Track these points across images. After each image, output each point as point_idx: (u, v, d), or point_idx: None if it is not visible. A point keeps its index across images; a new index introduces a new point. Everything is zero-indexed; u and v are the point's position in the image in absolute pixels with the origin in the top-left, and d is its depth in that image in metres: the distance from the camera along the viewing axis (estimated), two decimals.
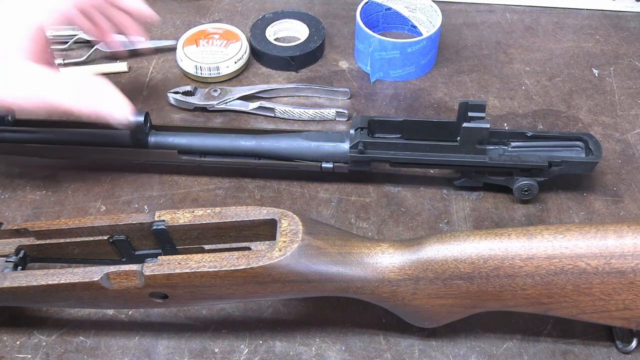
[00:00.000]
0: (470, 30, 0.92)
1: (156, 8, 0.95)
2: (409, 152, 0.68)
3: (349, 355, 0.59)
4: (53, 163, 0.74)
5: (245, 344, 0.60)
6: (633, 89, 0.83)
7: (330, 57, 0.88)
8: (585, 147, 0.68)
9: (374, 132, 0.70)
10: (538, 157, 0.67)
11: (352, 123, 0.70)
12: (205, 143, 0.70)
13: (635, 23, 0.93)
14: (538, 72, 0.86)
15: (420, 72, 0.85)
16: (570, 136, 0.70)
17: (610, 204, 0.70)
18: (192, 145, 0.70)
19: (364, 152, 0.68)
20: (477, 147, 0.67)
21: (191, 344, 0.60)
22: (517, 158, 0.67)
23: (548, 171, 0.67)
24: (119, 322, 0.62)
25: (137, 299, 0.54)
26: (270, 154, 0.70)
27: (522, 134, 0.69)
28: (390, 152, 0.68)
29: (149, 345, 0.60)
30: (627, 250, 0.50)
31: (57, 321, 0.62)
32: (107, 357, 0.59)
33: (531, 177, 0.68)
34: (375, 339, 0.60)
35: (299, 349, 0.59)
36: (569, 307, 0.53)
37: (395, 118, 0.70)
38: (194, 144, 0.70)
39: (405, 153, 0.68)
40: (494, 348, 0.59)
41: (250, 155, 0.70)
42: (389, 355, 0.59)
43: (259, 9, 0.94)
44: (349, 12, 0.93)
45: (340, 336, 0.60)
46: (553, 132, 0.73)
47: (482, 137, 0.66)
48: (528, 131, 0.69)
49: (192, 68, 0.83)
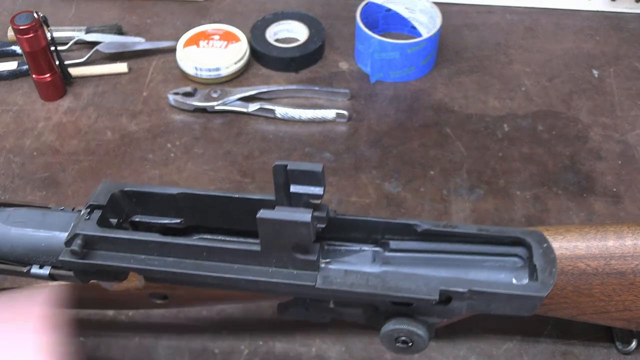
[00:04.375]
0: (470, 32, 0.92)
1: (156, 9, 0.95)
2: (173, 258, 0.40)
3: (349, 356, 0.59)
4: (53, 164, 0.74)
5: (245, 344, 0.60)
6: (633, 90, 0.83)
7: (330, 58, 0.88)
8: (528, 262, 0.39)
9: (130, 213, 0.43)
10: (422, 282, 0.37)
11: (91, 195, 0.42)
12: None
13: (635, 24, 0.93)
14: (538, 73, 0.86)
15: (420, 73, 0.85)
16: (501, 237, 0.39)
17: (610, 205, 0.70)
18: None
19: (89, 253, 0.40)
20: (298, 257, 0.38)
21: (191, 345, 0.60)
22: (379, 281, 0.37)
23: (444, 309, 0.39)
24: (119, 323, 0.62)
25: (137, 299, 0.54)
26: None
27: (409, 227, 0.40)
28: (138, 258, 0.40)
29: (149, 346, 0.60)
30: (627, 252, 0.50)
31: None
32: (107, 358, 0.59)
33: (411, 318, 0.40)
34: (375, 339, 0.60)
35: (299, 349, 0.59)
36: (569, 308, 0.53)
37: (165, 190, 0.42)
38: None
39: (165, 261, 0.40)
40: (494, 349, 0.59)
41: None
42: (389, 356, 0.59)
43: (259, 10, 0.94)
44: (349, 13, 0.93)
45: (340, 337, 0.60)
46: (469, 227, 0.40)
47: (303, 238, 0.36)
48: (419, 222, 0.40)
49: (192, 69, 0.83)
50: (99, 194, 0.41)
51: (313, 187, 0.37)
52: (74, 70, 0.84)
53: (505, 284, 0.38)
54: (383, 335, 0.41)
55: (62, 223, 0.42)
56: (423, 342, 0.40)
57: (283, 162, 0.37)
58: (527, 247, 0.39)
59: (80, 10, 0.96)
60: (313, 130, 0.79)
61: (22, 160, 0.76)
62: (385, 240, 0.41)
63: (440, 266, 0.40)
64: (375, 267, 0.41)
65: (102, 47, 0.86)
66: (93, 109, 0.82)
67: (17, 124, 0.80)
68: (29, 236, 0.42)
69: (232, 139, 0.78)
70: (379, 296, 0.37)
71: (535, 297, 0.36)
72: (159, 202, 0.42)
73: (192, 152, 0.76)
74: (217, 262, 0.39)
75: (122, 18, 0.94)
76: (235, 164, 0.75)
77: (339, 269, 0.39)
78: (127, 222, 0.43)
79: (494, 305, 0.38)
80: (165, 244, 0.39)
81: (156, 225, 0.43)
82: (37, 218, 0.42)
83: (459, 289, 0.37)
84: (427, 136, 0.77)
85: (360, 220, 0.41)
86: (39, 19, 0.75)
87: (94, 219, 0.40)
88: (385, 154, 0.76)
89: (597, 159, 0.75)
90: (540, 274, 0.37)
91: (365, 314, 0.43)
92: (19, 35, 0.75)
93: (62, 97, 0.83)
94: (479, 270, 0.40)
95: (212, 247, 0.39)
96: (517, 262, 0.40)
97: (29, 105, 0.82)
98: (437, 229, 0.39)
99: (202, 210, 0.42)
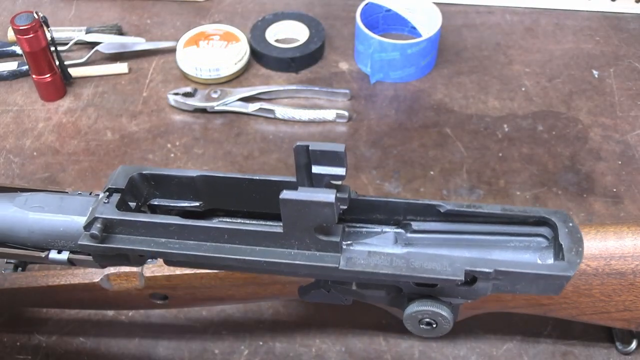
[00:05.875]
0: (470, 32, 0.92)
1: (156, 9, 0.95)
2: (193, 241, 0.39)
3: (349, 356, 0.59)
4: (53, 164, 0.74)
5: (245, 345, 0.60)
6: (633, 90, 0.83)
7: (330, 58, 0.88)
8: (554, 242, 0.39)
9: (149, 196, 0.43)
10: (447, 262, 0.37)
11: (109, 178, 0.41)
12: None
13: (634, 24, 0.93)
14: (538, 73, 0.86)
15: (420, 74, 0.85)
16: (525, 217, 0.39)
17: (610, 205, 0.70)
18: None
19: (108, 237, 0.40)
20: (320, 239, 0.37)
21: (191, 345, 0.60)
22: (403, 262, 0.37)
23: (468, 290, 0.39)
24: (119, 323, 0.62)
25: (137, 300, 0.54)
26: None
27: (432, 207, 0.40)
28: (158, 241, 0.40)
29: (149, 346, 0.60)
30: (627, 252, 0.50)
31: (57, 322, 0.61)
32: (107, 358, 0.59)
33: (435, 300, 0.40)
34: (375, 340, 0.60)
35: (299, 350, 0.59)
36: (569, 309, 0.53)
37: (184, 173, 0.42)
38: None
39: (185, 244, 0.39)
40: (494, 349, 0.59)
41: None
42: (389, 357, 0.59)
43: (259, 11, 0.94)
44: (349, 13, 0.93)
45: (340, 337, 0.60)
46: (493, 206, 0.40)
47: (327, 219, 0.36)
48: (442, 203, 0.40)
49: (192, 69, 0.83)
50: (117, 177, 0.41)
51: (335, 168, 0.37)
52: (74, 71, 0.84)
53: (531, 264, 0.37)
54: (407, 316, 0.41)
55: (80, 207, 0.41)
56: (447, 323, 0.41)
57: (305, 143, 0.36)
58: (552, 227, 0.39)
59: (80, 10, 0.96)
60: (313, 130, 0.79)
61: (22, 161, 0.76)
62: (407, 222, 0.41)
63: (464, 247, 0.40)
64: (398, 248, 0.40)
65: (102, 47, 0.86)
66: (93, 110, 0.82)
67: (17, 124, 0.80)
68: (47, 221, 0.41)
69: (232, 139, 0.78)
70: (404, 277, 0.37)
71: (563, 277, 0.36)
72: (177, 185, 0.42)
73: (192, 153, 0.76)
74: (238, 245, 0.39)
75: (122, 18, 0.94)
76: (236, 164, 0.75)
77: (362, 250, 0.38)
78: (145, 206, 0.43)
79: (520, 285, 0.37)
80: (185, 226, 0.39)
81: (175, 209, 0.43)
82: (55, 202, 0.42)
83: (485, 269, 0.36)
84: (427, 136, 0.77)
85: (382, 202, 0.41)
86: (39, 19, 0.75)
87: (112, 203, 0.40)
88: (385, 154, 0.76)
89: (597, 159, 0.75)
90: (566, 253, 0.37)
91: (389, 296, 0.42)
92: (19, 35, 0.75)
93: (62, 98, 0.83)
94: (503, 251, 0.39)
95: (233, 229, 0.38)
96: (542, 242, 0.39)
97: (29, 106, 0.82)
98: (460, 209, 0.39)
99: (221, 193, 0.42)
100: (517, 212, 0.39)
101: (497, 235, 0.40)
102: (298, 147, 0.37)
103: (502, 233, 0.40)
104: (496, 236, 0.40)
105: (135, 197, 0.42)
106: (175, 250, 0.39)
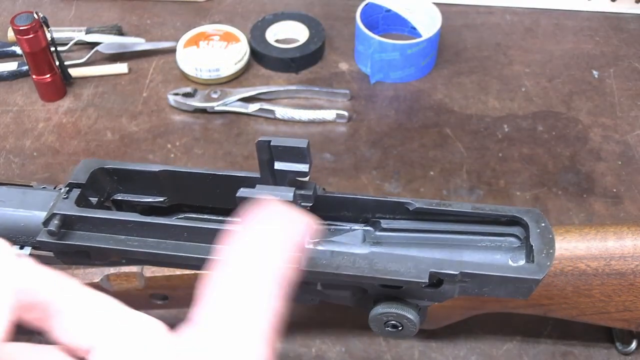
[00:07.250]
0: (470, 32, 0.92)
1: (156, 9, 0.95)
2: (153, 238, 0.38)
3: (349, 356, 0.59)
4: (53, 164, 0.74)
5: None
6: (633, 90, 0.83)
7: (330, 58, 0.88)
8: (526, 242, 0.37)
9: (112, 191, 0.42)
10: (411, 264, 0.35)
11: (71, 172, 0.41)
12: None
13: (635, 24, 0.93)
14: (538, 73, 0.86)
15: (420, 74, 0.85)
16: (496, 216, 0.38)
17: (610, 206, 0.70)
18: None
19: (67, 233, 0.38)
20: None
21: None
22: (366, 264, 0.36)
23: (434, 292, 0.37)
24: None
25: (137, 300, 0.54)
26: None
27: (401, 205, 0.39)
28: (117, 238, 0.38)
29: None
30: (627, 252, 0.50)
31: None
32: None
33: (401, 302, 0.38)
34: (375, 340, 0.60)
35: (299, 350, 0.59)
36: (569, 309, 0.53)
37: (147, 167, 0.41)
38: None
39: (144, 242, 0.38)
40: (494, 349, 0.59)
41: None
42: (389, 357, 0.59)
43: (259, 11, 0.94)
44: (349, 13, 0.93)
45: (340, 337, 0.60)
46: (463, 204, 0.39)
47: None
48: (411, 201, 0.38)
49: (192, 69, 0.83)
50: (78, 171, 0.40)
51: (298, 164, 0.35)
52: (74, 71, 0.84)
53: (499, 266, 0.36)
54: (372, 318, 0.39)
55: (43, 202, 0.40)
56: (413, 326, 0.39)
57: (267, 138, 0.35)
58: (524, 227, 0.37)
59: (80, 10, 0.96)
60: (313, 130, 0.79)
61: (22, 161, 0.76)
62: (376, 219, 0.40)
63: (434, 246, 0.39)
64: (366, 246, 0.39)
65: (102, 47, 0.86)
66: (93, 110, 0.82)
67: (17, 125, 0.80)
68: (8, 215, 0.40)
69: (232, 139, 0.78)
70: (367, 279, 0.36)
71: (531, 280, 0.34)
72: (141, 180, 0.41)
73: (192, 153, 0.76)
74: (198, 243, 0.38)
75: (122, 19, 0.94)
76: (236, 164, 0.75)
77: (325, 249, 0.37)
78: (109, 201, 0.42)
79: (487, 288, 0.36)
80: (144, 224, 0.38)
81: (140, 204, 0.42)
82: (18, 197, 0.41)
83: (450, 271, 0.35)
84: (427, 137, 0.77)
85: (350, 199, 0.39)
86: (39, 19, 0.75)
87: (72, 198, 0.39)
88: (385, 155, 0.76)
89: (597, 159, 0.75)
90: (536, 255, 0.35)
91: (354, 297, 0.41)
92: (19, 35, 0.75)
93: (62, 98, 0.83)
94: (474, 251, 0.38)
95: (192, 227, 0.37)
96: (514, 242, 0.38)
97: (29, 106, 0.82)
98: (430, 207, 0.38)
99: (185, 188, 0.41)
100: (488, 211, 0.38)
101: (469, 235, 0.39)
102: (260, 142, 0.35)
103: (474, 232, 0.39)
104: (468, 235, 0.39)
105: (98, 192, 0.41)
106: (135, 248, 0.38)
